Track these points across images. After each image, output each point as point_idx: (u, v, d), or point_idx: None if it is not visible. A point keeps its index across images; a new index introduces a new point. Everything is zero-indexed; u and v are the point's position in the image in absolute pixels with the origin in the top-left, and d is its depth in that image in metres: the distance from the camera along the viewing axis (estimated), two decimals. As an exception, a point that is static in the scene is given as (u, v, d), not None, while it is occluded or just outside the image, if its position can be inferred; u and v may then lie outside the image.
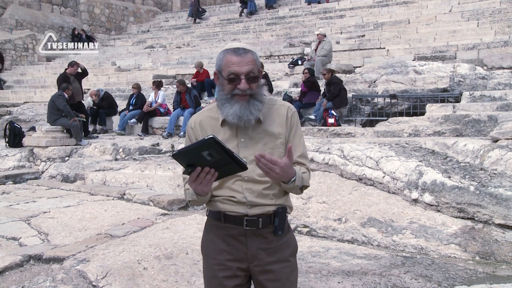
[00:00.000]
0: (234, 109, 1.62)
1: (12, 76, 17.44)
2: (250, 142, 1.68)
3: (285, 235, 1.75)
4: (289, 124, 1.72)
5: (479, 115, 6.14)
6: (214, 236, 1.76)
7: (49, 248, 3.81)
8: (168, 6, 27.50)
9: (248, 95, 1.63)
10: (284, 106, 1.74)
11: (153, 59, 16.09)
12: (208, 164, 1.45)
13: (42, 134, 8.22)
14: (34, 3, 20.40)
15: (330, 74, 8.79)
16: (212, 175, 1.48)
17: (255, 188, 1.68)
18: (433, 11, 13.97)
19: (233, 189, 1.69)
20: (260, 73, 1.69)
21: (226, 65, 1.64)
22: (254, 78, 1.63)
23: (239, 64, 1.61)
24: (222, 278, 1.71)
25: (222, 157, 1.41)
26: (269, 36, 16.23)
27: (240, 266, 1.71)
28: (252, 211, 1.68)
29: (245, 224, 1.68)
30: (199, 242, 3.79)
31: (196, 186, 1.51)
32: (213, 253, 1.76)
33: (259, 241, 1.70)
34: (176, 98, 9.75)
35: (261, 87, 1.70)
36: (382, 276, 3.15)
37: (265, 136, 1.68)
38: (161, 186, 5.92)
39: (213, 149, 1.38)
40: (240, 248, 1.70)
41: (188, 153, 1.42)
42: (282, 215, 1.71)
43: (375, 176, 4.66)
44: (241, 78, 1.61)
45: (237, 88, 1.62)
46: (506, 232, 3.65)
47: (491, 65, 9.07)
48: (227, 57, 1.64)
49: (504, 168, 4.08)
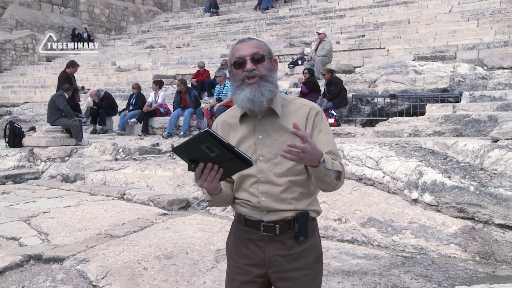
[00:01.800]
0: (245, 93, 1.58)
1: (12, 76, 17.44)
2: (268, 140, 1.62)
3: (309, 240, 1.66)
4: (311, 124, 1.64)
5: (479, 115, 6.14)
6: (236, 238, 1.73)
7: (49, 248, 3.81)
8: (168, 6, 27.50)
9: (257, 77, 1.59)
10: (307, 106, 1.67)
11: (153, 59, 16.09)
12: (210, 160, 1.42)
13: (42, 134, 8.22)
14: (34, 3, 20.40)
15: (330, 75, 8.79)
16: (217, 171, 1.43)
17: (273, 191, 1.61)
18: (433, 11, 13.97)
19: (250, 192, 1.64)
20: (272, 60, 1.65)
21: (233, 55, 1.63)
22: (259, 59, 1.60)
23: (243, 48, 1.61)
24: (240, 282, 1.68)
25: (222, 152, 1.38)
26: (269, 36, 16.22)
27: (259, 272, 1.66)
28: (268, 217, 1.62)
29: (262, 230, 1.63)
30: (199, 242, 3.81)
31: (202, 183, 1.47)
32: (234, 255, 1.73)
33: (278, 247, 1.64)
34: (176, 98, 9.76)
35: (271, 71, 1.64)
36: (382, 276, 3.15)
37: (284, 133, 1.61)
38: (161, 186, 5.92)
39: (210, 142, 1.35)
40: (258, 253, 1.66)
41: (187, 148, 1.39)
42: (303, 220, 1.62)
43: (375, 176, 4.66)
44: (246, 59, 1.59)
45: (245, 71, 1.59)
46: (506, 232, 3.65)
47: (491, 65, 9.07)
48: (233, 49, 1.65)
49: (504, 168, 4.08)
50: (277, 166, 1.61)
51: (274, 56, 1.69)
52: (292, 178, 1.62)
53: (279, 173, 1.61)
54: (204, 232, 4.15)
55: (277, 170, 1.61)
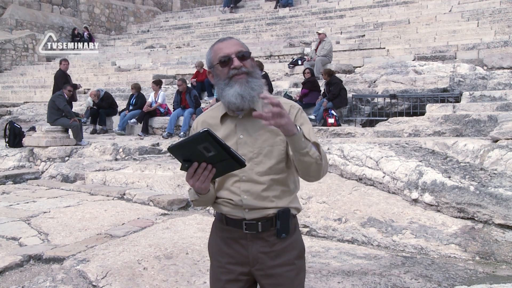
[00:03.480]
0: (234, 89, 1.58)
1: (12, 76, 17.44)
2: (250, 139, 1.64)
3: (290, 237, 1.68)
4: (292, 118, 1.61)
5: (479, 115, 6.14)
6: (218, 238, 1.75)
7: (49, 248, 3.81)
8: (168, 6, 27.51)
9: (244, 73, 1.60)
10: (286, 104, 1.67)
11: (153, 59, 16.09)
12: (205, 160, 1.42)
13: (42, 134, 8.22)
14: (34, 3, 20.40)
15: (328, 75, 8.80)
16: (210, 171, 1.44)
17: (254, 189, 1.63)
18: (433, 11, 13.98)
19: (231, 191, 1.65)
20: (252, 60, 1.66)
21: (215, 54, 1.64)
22: (244, 56, 1.61)
23: (226, 47, 1.62)
24: (225, 282, 1.70)
25: (218, 152, 1.38)
26: (269, 36, 16.23)
27: (242, 270, 1.68)
28: (250, 215, 1.64)
29: (245, 228, 1.65)
30: (199, 242, 3.81)
31: (194, 183, 1.48)
32: (217, 255, 1.75)
33: (260, 244, 1.66)
34: (176, 98, 9.76)
35: (255, 67, 1.66)
36: (382, 276, 3.15)
37: (265, 132, 1.63)
38: (161, 186, 5.92)
39: (208, 143, 1.36)
40: (241, 251, 1.68)
41: (183, 147, 1.39)
42: (284, 217, 1.65)
43: (375, 176, 4.66)
44: (232, 57, 1.60)
45: (232, 68, 1.59)
46: (506, 232, 3.65)
47: (491, 65, 9.07)
48: (214, 48, 1.65)
49: (504, 168, 4.08)
50: (259, 165, 1.63)
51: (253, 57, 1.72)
52: (273, 177, 1.64)
53: (261, 171, 1.62)
54: (204, 232, 4.15)
55: (259, 168, 1.63)
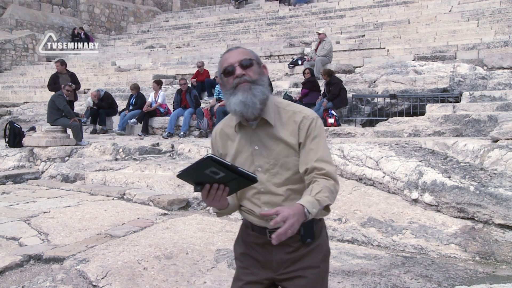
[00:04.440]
0: (237, 97, 1.59)
1: (12, 76, 17.44)
2: (265, 150, 1.63)
3: (316, 241, 1.67)
4: (304, 133, 1.61)
5: (479, 115, 6.14)
6: (243, 242, 1.76)
7: (49, 248, 3.81)
8: (168, 6, 27.51)
9: (248, 82, 1.59)
10: (300, 113, 1.64)
11: (153, 59, 16.10)
12: (216, 181, 1.43)
13: (42, 134, 8.22)
14: (34, 3, 20.40)
15: (328, 75, 8.80)
16: (223, 190, 1.45)
17: (274, 200, 1.63)
18: (433, 11, 13.98)
19: (253, 202, 1.67)
20: (261, 66, 1.66)
21: (221, 65, 1.65)
22: (248, 65, 1.61)
23: (231, 57, 1.63)
24: (245, 282, 1.70)
25: (226, 174, 1.39)
26: (269, 36, 16.23)
27: (265, 275, 1.69)
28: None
29: (269, 236, 1.64)
30: (199, 242, 3.81)
31: (210, 203, 1.50)
32: (241, 257, 1.76)
33: (285, 250, 1.65)
34: (176, 98, 9.76)
35: (261, 75, 1.64)
36: (382, 276, 3.15)
37: (279, 143, 1.62)
38: (161, 186, 5.92)
39: (214, 167, 1.36)
40: (266, 256, 1.68)
41: (191, 173, 1.40)
42: (308, 223, 1.58)
43: (375, 176, 4.66)
44: (235, 66, 1.60)
45: (236, 77, 1.60)
46: (506, 232, 3.65)
47: (491, 65, 9.07)
48: (221, 60, 1.66)
49: (504, 168, 4.08)
50: (276, 176, 1.63)
51: (262, 62, 1.69)
52: (291, 187, 1.63)
53: (278, 183, 1.62)
54: (204, 232, 4.15)
55: (276, 180, 1.62)
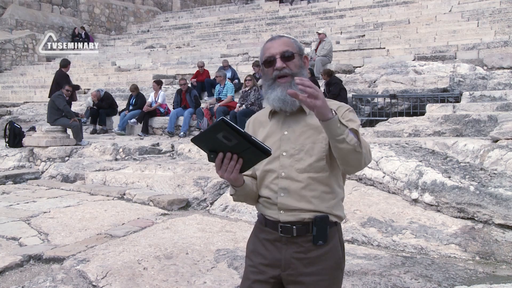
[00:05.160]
0: (276, 92, 1.58)
1: (12, 76, 17.44)
2: (293, 135, 1.61)
3: (328, 244, 1.61)
4: (339, 115, 1.53)
5: (479, 115, 6.14)
6: (256, 238, 1.73)
7: (49, 248, 3.81)
8: (168, 6, 27.52)
9: (289, 75, 1.57)
10: (336, 104, 1.63)
11: (153, 59, 16.10)
12: (229, 149, 1.43)
13: (42, 134, 8.22)
14: (34, 3, 20.40)
15: (327, 75, 8.80)
16: (237, 161, 1.44)
17: (292, 187, 1.59)
18: (433, 11, 13.99)
19: (270, 189, 1.64)
20: (303, 57, 1.64)
21: (263, 54, 1.63)
22: (290, 57, 1.59)
23: (273, 47, 1.61)
24: (253, 281, 1.68)
25: (239, 141, 1.38)
26: (269, 36, 16.20)
27: (273, 273, 1.65)
28: (285, 217, 1.60)
29: (280, 231, 1.62)
30: (199, 242, 3.81)
31: (223, 174, 1.47)
32: (251, 254, 1.73)
33: (295, 249, 1.61)
34: (176, 98, 9.76)
35: (302, 68, 1.62)
36: (382, 276, 3.15)
37: (308, 129, 1.60)
38: (161, 186, 5.91)
39: (226, 131, 1.36)
40: (275, 254, 1.65)
41: (204, 138, 1.41)
42: (322, 224, 1.58)
43: (375, 176, 4.66)
44: (276, 57, 1.58)
45: (275, 70, 1.59)
46: (506, 232, 3.65)
47: (491, 65, 9.07)
48: (264, 47, 1.65)
49: (504, 168, 4.08)
50: (299, 162, 1.59)
51: (304, 53, 1.67)
52: (313, 175, 1.58)
53: (301, 168, 1.59)
54: (204, 232, 4.15)
55: (299, 165, 1.59)
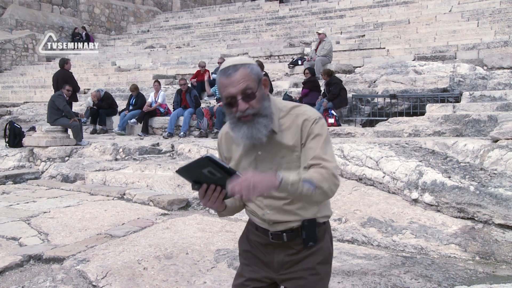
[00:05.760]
0: (243, 131, 1.57)
1: (12, 76, 17.44)
2: (268, 155, 1.63)
3: (318, 244, 1.68)
4: (305, 134, 1.59)
5: (479, 115, 6.14)
6: (248, 239, 1.79)
7: (49, 248, 3.81)
8: (168, 6, 27.51)
9: (250, 115, 1.55)
10: (303, 116, 1.61)
11: (153, 59, 16.10)
12: (213, 182, 1.45)
13: (42, 134, 8.22)
14: (34, 3, 20.40)
15: (327, 76, 8.80)
16: (220, 192, 1.47)
17: (276, 204, 1.63)
18: (433, 11, 13.98)
19: (256, 204, 1.68)
20: (263, 82, 1.59)
21: (221, 89, 1.57)
22: (251, 94, 1.54)
23: (231, 84, 1.53)
24: (247, 279, 1.73)
25: (223, 175, 1.40)
26: (269, 36, 16.23)
27: (266, 274, 1.72)
28: (274, 228, 1.66)
29: (271, 238, 1.68)
30: (199, 242, 3.81)
31: (206, 203, 1.51)
32: (244, 253, 1.80)
33: (287, 252, 1.68)
34: (176, 98, 9.76)
35: (264, 99, 1.58)
36: (382, 276, 3.15)
37: (281, 149, 1.61)
38: (161, 186, 5.91)
39: (211, 168, 1.38)
40: (268, 256, 1.71)
41: (189, 170, 1.42)
42: (310, 227, 1.64)
43: (375, 176, 4.66)
44: (237, 99, 1.53)
45: (238, 111, 1.55)
46: (506, 232, 3.65)
47: (491, 65, 9.07)
48: (220, 80, 1.57)
49: (504, 168, 4.08)
50: None
51: (263, 77, 1.61)
52: None
53: None
54: (204, 232, 4.15)
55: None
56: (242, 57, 1.63)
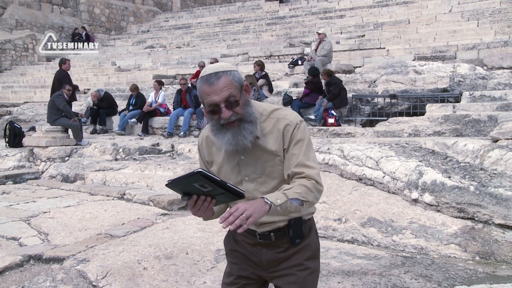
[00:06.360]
0: (227, 137, 1.57)
1: (12, 76, 17.44)
2: (251, 160, 1.63)
3: (305, 240, 1.71)
4: (287, 139, 1.60)
5: (479, 115, 6.14)
6: (233, 238, 1.80)
7: (49, 248, 3.81)
8: (168, 6, 27.52)
9: (235, 120, 1.55)
10: (283, 120, 1.62)
11: (153, 59, 16.10)
12: (203, 193, 1.45)
13: (42, 134, 8.22)
14: (34, 3, 20.40)
15: (327, 76, 8.80)
16: (210, 202, 1.47)
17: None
18: (433, 11, 13.98)
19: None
20: (244, 88, 1.60)
21: (203, 97, 1.56)
22: (234, 102, 1.53)
23: (214, 92, 1.52)
24: (236, 277, 1.76)
25: (214, 188, 1.41)
26: (269, 36, 16.23)
27: (254, 272, 1.75)
28: (262, 229, 1.68)
29: (258, 238, 1.70)
30: (199, 242, 3.81)
31: (195, 212, 1.51)
32: (231, 252, 1.81)
33: (275, 250, 1.70)
34: (176, 98, 9.76)
35: (247, 105, 1.59)
36: (382, 276, 3.15)
37: (264, 153, 1.62)
38: (161, 186, 5.91)
39: (202, 182, 1.38)
40: (256, 255, 1.73)
41: (179, 184, 1.42)
42: (296, 225, 1.66)
43: (375, 176, 4.65)
44: (221, 107, 1.53)
45: (221, 118, 1.55)
46: (506, 232, 3.65)
47: (491, 65, 9.07)
48: (202, 87, 1.55)
49: (504, 168, 4.08)
50: (263, 185, 1.65)
51: (244, 82, 1.61)
52: None
53: (265, 191, 1.63)
54: (204, 232, 4.15)
55: (263, 188, 1.64)
56: (223, 64, 1.61)
